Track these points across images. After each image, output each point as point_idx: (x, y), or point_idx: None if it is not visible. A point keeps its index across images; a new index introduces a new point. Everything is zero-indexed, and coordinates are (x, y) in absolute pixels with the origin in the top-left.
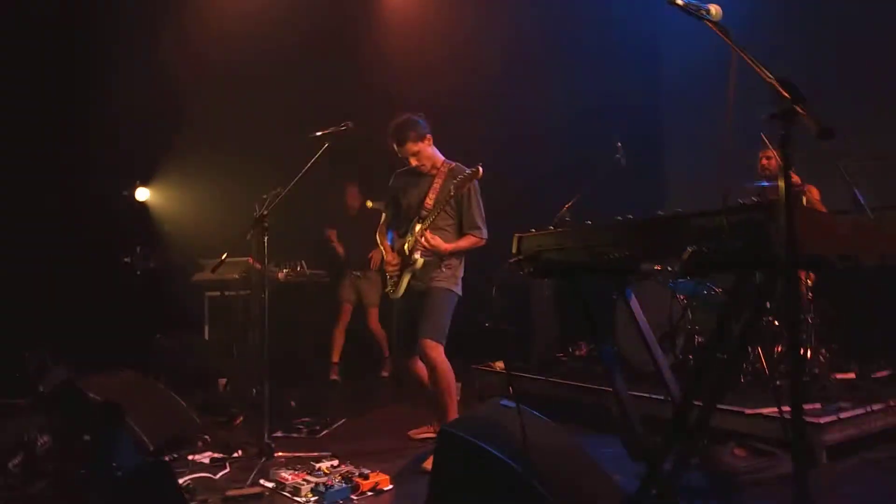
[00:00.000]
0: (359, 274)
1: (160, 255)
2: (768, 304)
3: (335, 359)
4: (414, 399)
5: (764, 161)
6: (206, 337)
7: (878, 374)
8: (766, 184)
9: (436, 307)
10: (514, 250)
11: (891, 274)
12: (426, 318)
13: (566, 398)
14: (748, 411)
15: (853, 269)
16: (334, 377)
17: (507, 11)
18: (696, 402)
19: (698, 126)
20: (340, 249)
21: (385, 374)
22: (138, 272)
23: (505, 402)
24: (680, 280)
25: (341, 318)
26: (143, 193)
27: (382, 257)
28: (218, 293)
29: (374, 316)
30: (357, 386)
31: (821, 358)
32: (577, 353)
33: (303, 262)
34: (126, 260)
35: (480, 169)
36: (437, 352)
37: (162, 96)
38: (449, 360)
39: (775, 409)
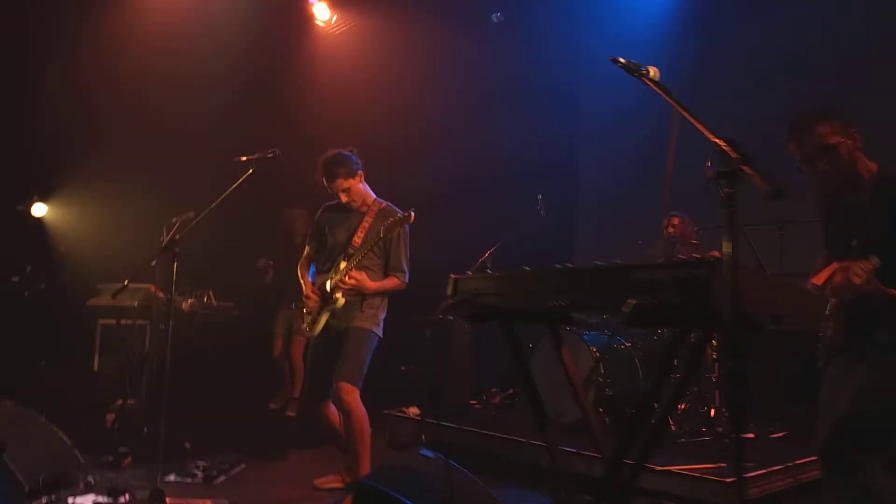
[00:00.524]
0: (294, 307)
1: (52, 277)
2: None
3: (295, 394)
4: (322, 444)
5: (671, 229)
6: (96, 368)
7: (775, 435)
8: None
9: (355, 348)
10: (449, 292)
11: (786, 337)
12: (344, 360)
13: (479, 447)
14: (657, 468)
15: (780, 330)
16: (292, 413)
17: (436, 60)
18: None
19: (612, 183)
20: (270, 279)
21: (291, 413)
22: (26, 293)
23: (425, 451)
24: (591, 332)
25: (277, 353)
26: (40, 209)
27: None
28: (113, 321)
29: (299, 345)
30: (260, 426)
31: (723, 417)
32: (490, 400)
33: (210, 292)
34: (14, 279)
35: (412, 214)
36: (353, 396)
37: (70, 104)
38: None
39: (684, 466)
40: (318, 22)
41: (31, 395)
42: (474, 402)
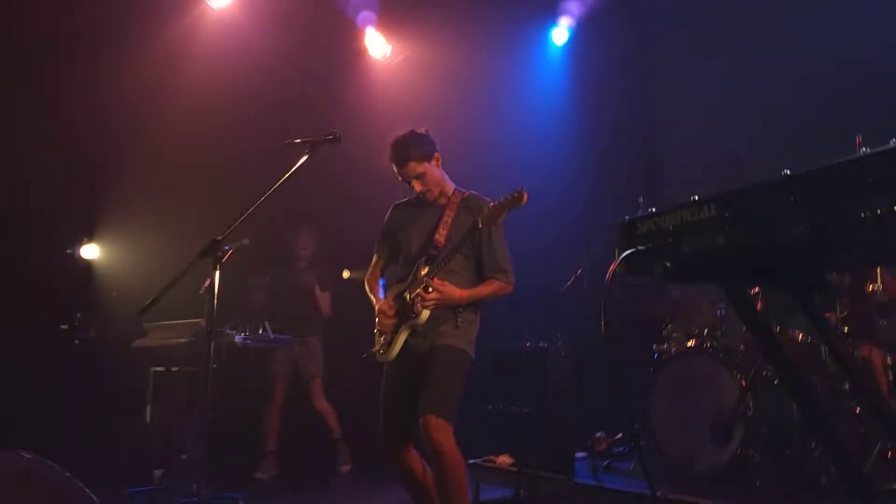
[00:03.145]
0: (297, 340)
1: (103, 323)
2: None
3: (270, 447)
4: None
5: None
6: (148, 419)
7: None
8: None
9: (446, 373)
10: (618, 245)
11: None
12: (432, 389)
13: None
14: None
15: None
16: (263, 475)
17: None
18: None
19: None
20: (258, 301)
21: (346, 467)
22: (76, 341)
23: None
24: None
25: (274, 399)
26: (91, 251)
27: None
28: (162, 368)
29: (317, 389)
30: (313, 486)
31: None
32: (596, 447)
33: (266, 323)
34: (63, 327)
35: (525, 193)
36: (447, 434)
37: (105, 137)
38: None
39: None
40: (371, 54)
41: (80, 451)
42: (581, 450)
